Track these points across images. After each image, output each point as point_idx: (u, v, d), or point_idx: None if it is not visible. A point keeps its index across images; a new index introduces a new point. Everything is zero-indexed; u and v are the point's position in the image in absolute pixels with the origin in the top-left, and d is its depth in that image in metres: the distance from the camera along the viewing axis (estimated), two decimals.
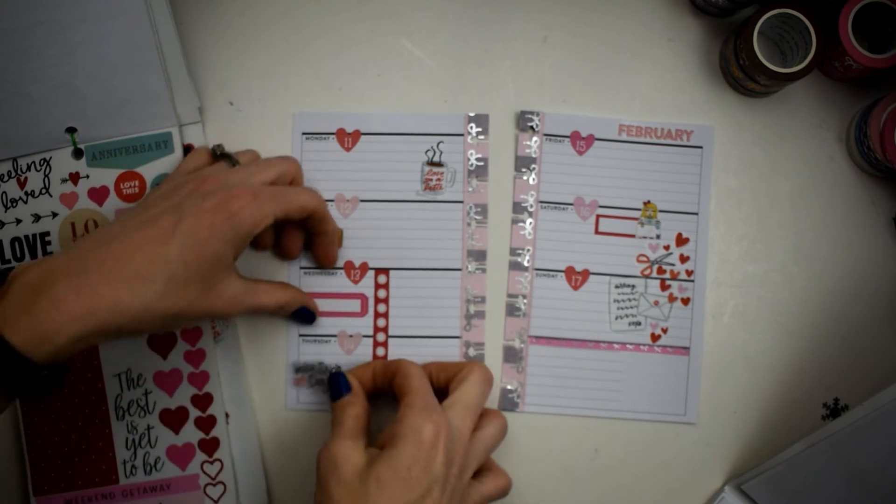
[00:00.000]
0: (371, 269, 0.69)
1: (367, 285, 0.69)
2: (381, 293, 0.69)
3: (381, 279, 0.69)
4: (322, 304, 0.69)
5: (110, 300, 0.53)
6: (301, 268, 0.69)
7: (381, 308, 0.69)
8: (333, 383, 0.64)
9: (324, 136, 0.69)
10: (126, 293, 0.53)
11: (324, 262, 0.68)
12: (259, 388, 0.69)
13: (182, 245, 0.55)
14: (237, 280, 0.60)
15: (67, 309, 0.52)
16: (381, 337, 0.69)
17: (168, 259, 0.55)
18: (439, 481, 0.56)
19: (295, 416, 0.68)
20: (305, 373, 0.68)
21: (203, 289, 0.57)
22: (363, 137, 0.69)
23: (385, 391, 0.64)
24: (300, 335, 0.69)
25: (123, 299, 0.53)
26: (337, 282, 0.69)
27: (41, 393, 0.53)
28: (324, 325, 0.69)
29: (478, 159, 0.69)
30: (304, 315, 0.67)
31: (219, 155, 0.65)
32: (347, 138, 0.69)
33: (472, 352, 0.68)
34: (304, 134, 0.69)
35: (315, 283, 0.69)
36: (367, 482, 0.55)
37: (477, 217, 0.69)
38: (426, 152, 0.69)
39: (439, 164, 0.69)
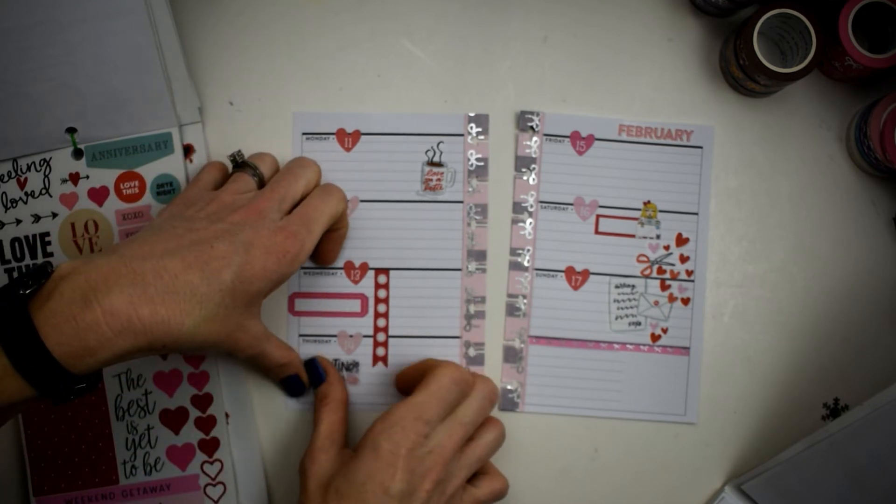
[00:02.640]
0: (371, 269, 0.69)
1: (367, 285, 0.69)
2: (382, 293, 0.69)
3: (382, 279, 0.69)
4: (322, 304, 0.69)
5: (164, 318, 0.52)
6: (301, 268, 0.69)
7: (382, 308, 0.69)
8: (312, 370, 0.67)
9: (324, 136, 0.69)
10: (179, 313, 0.53)
11: (327, 257, 0.68)
12: (259, 388, 0.69)
13: (235, 276, 0.55)
14: (260, 322, 0.61)
15: (120, 322, 0.50)
16: (381, 337, 0.69)
17: (222, 287, 0.55)
18: (404, 498, 0.56)
19: (295, 416, 0.68)
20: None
21: (238, 322, 0.57)
22: (363, 137, 0.69)
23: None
24: (300, 335, 0.69)
25: (175, 319, 0.53)
26: (337, 282, 0.69)
27: (74, 398, 0.52)
28: (324, 325, 0.69)
29: (478, 159, 0.69)
30: (295, 385, 0.67)
31: (239, 163, 0.65)
32: (347, 138, 0.69)
33: (472, 352, 0.68)
34: (304, 134, 0.69)
35: (315, 283, 0.69)
36: (328, 494, 0.57)
37: (477, 217, 0.69)
38: (426, 152, 0.69)
39: (439, 165, 0.69)
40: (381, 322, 0.69)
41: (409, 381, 0.65)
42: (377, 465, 0.56)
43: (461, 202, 0.69)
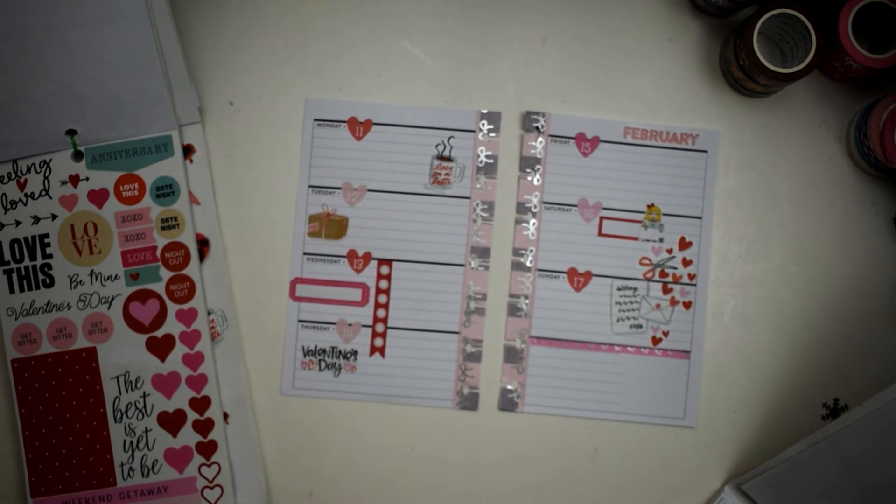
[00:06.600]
0: (374, 259, 0.69)
1: (369, 275, 0.69)
2: (383, 284, 0.69)
3: (384, 270, 0.69)
4: (323, 291, 0.69)
5: None
6: (304, 253, 0.69)
7: (382, 299, 0.69)
8: None
9: (335, 123, 0.69)
10: None
11: None
12: (259, 389, 0.69)
13: None
14: None
15: None
16: (380, 328, 0.69)
17: None
18: None
19: (296, 415, 0.68)
20: (316, 356, 0.68)
21: None
22: (374, 127, 0.69)
23: None
24: (299, 321, 0.69)
25: None
26: (339, 270, 0.69)
27: None
28: (324, 312, 0.69)
29: (487, 156, 0.69)
30: None
31: None
32: (359, 127, 0.69)
33: (469, 348, 0.68)
34: (315, 120, 0.69)
35: (317, 269, 0.69)
36: None
37: (483, 214, 0.69)
38: (436, 146, 0.69)
39: (449, 159, 0.69)
40: (381, 313, 0.69)
41: None
42: None
43: (468, 198, 0.69)
